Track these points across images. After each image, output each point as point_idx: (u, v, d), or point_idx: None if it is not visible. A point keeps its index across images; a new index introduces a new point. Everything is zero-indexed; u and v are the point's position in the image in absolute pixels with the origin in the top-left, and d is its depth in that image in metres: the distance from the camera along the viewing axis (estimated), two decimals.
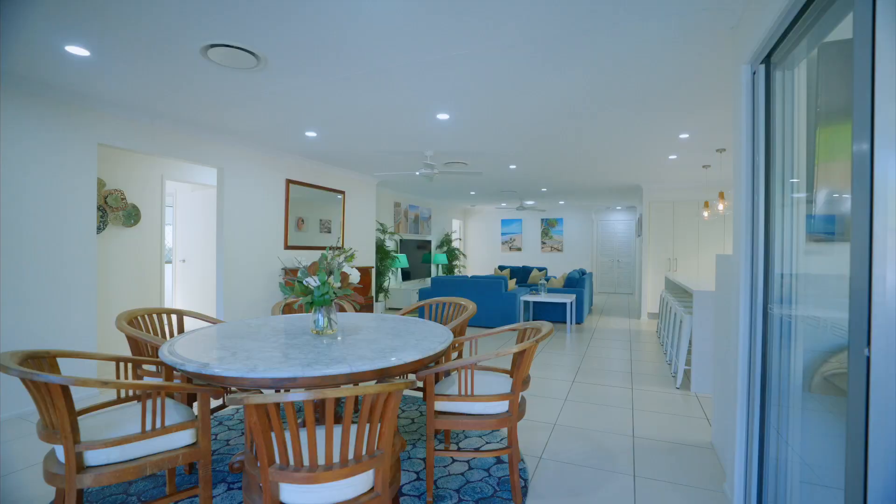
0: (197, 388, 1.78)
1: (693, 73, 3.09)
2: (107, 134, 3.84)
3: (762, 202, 1.95)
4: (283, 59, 2.91)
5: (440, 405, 2.24)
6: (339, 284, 2.44)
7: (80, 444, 1.55)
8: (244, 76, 3.20)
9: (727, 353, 2.52)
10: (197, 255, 6.59)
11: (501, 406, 2.24)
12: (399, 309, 9.41)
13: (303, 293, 2.39)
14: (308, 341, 2.30)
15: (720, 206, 5.54)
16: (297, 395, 1.29)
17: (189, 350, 2.08)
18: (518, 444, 2.37)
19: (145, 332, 2.82)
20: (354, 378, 1.87)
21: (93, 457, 1.59)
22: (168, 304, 7.03)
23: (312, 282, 2.37)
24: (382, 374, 1.94)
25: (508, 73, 3.13)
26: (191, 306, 6.65)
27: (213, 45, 2.70)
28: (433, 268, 12.00)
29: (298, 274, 2.42)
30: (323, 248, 6.72)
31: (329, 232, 6.91)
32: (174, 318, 3.07)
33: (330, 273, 2.41)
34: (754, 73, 2.03)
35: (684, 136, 4.79)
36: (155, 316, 2.93)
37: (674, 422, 3.34)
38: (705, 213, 6.29)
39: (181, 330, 3.04)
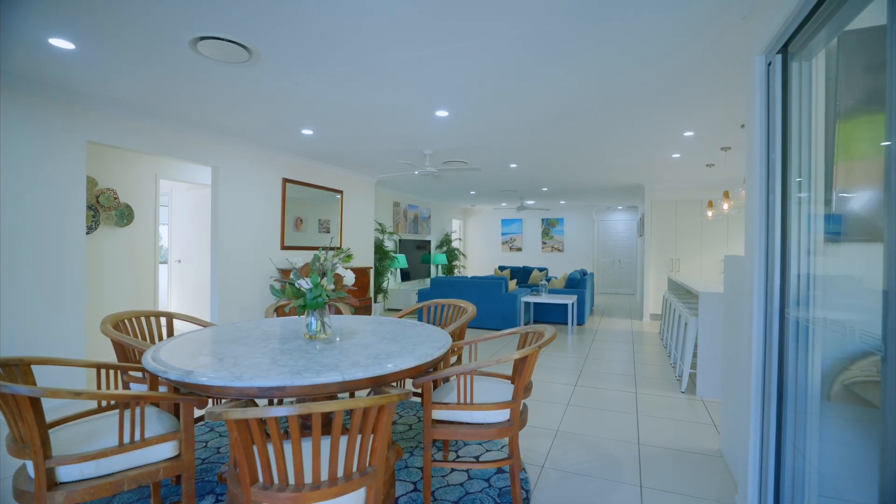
0: (178, 397, 1.68)
1: (699, 67, 2.99)
2: (97, 131, 3.73)
3: (778, 201, 1.85)
4: (276, 53, 2.80)
5: (438, 413, 2.13)
6: (332, 286, 2.33)
7: (51, 459, 1.45)
8: (236, 71, 3.09)
9: (738, 358, 2.42)
10: (193, 256, 6.49)
11: (502, 415, 2.14)
12: (398, 310, 9.31)
13: (294, 296, 2.29)
14: (300, 346, 2.20)
15: (725, 206, 5.43)
16: (282, 410, 1.18)
17: (174, 356, 1.98)
18: (519, 454, 2.26)
19: (133, 336, 2.71)
20: (347, 387, 1.76)
21: (65, 472, 1.49)
22: (163, 306, 6.93)
23: (304, 284, 2.26)
24: (377, 382, 1.83)
25: (509, 68, 3.03)
26: (187, 307, 6.55)
27: (202, 38, 2.60)
28: (433, 268, 11.89)
29: (291, 275, 2.32)
30: (329, 249, 6.60)
31: (328, 232, 6.81)
32: (163, 321, 2.97)
33: (323, 275, 2.31)
34: (769, 65, 1.92)
35: (689, 133, 4.68)
36: (143, 319, 2.82)
37: (680, 428, 3.24)
38: (709, 213, 6.17)
39: (171, 333, 2.94)
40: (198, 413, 3.16)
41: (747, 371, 2.11)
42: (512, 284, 7.51)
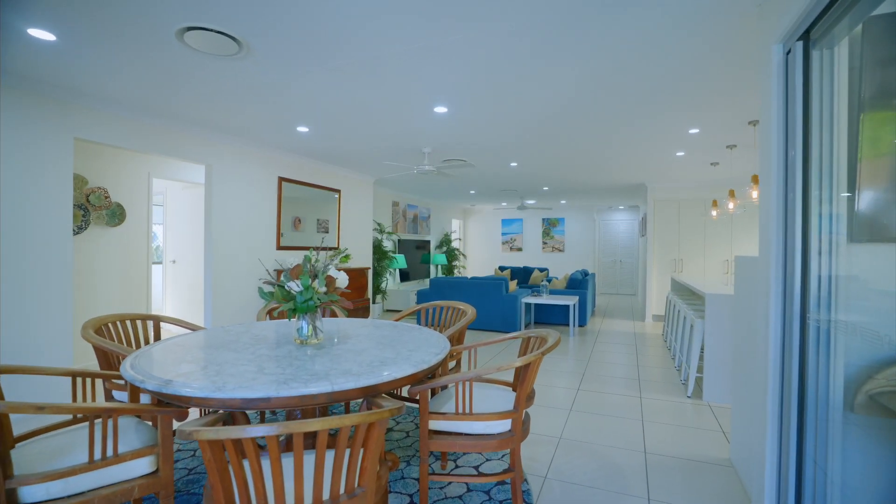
0: (154, 409, 1.56)
1: (707, 60, 2.87)
2: (84, 128, 3.61)
3: (799, 199, 1.73)
4: (267, 45, 2.68)
5: (435, 424, 2.02)
6: (324, 289, 2.22)
7: (12, 478, 1.33)
8: (227, 64, 2.98)
9: (751, 363, 2.30)
10: (188, 256, 6.38)
11: (503, 425, 2.02)
12: (398, 311, 9.19)
13: (284, 299, 2.17)
14: (290, 352, 2.08)
15: (730, 205, 5.31)
16: (259, 430, 1.07)
17: (155, 363, 1.86)
18: (521, 465, 2.15)
19: (117, 341, 2.59)
20: (337, 397, 1.65)
21: (29, 493, 1.37)
22: (158, 307, 6.82)
23: (294, 286, 2.15)
24: (369, 392, 1.72)
25: (509, 62, 2.91)
26: (182, 309, 6.44)
27: (189, 28, 2.48)
28: (432, 268, 11.77)
29: (281, 277, 2.21)
30: (321, 249, 6.48)
31: (327, 232, 6.69)
32: (150, 324, 2.85)
33: (314, 276, 2.19)
34: (788, 53, 1.80)
35: (694, 130, 4.56)
36: (129, 322, 2.70)
37: (687, 435, 3.12)
38: (714, 213, 6.06)
39: (158, 338, 2.82)
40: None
41: (763, 378, 1.99)
42: (512, 285, 7.39)
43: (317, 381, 1.64)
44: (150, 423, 1.96)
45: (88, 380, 1.96)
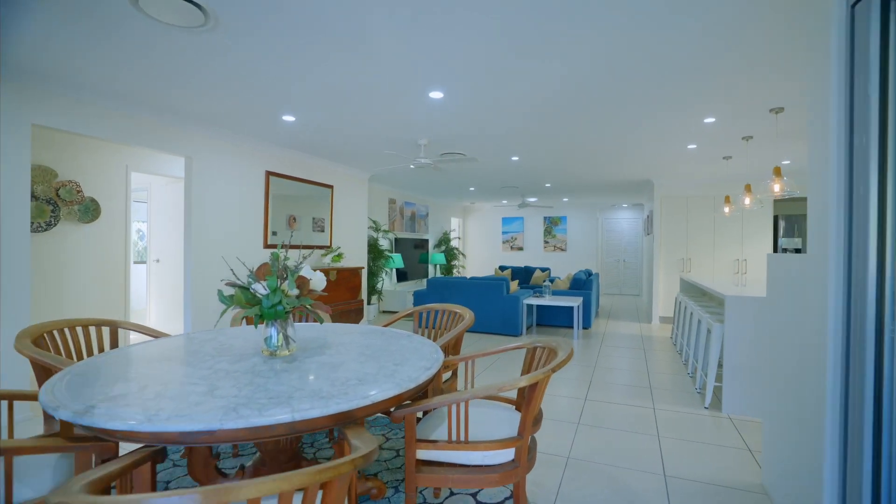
0: (63, 445, 1.24)
1: (733, 31, 2.53)
2: (43, 113, 3.28)
3: (874, 192, 1.40)
4: (237, 16, 2.36)
5: (424, 454, 1.69)
6: (296, 291, 1.90)
7: None
8: (193, 39, 2.65)
9: (794, 376, 1.98)
10: (173, 255, 6.05)
11: (506, 455, 1.70)
12: (394, 311, 8.87)
13: (248, 303, 1.85)
14: (253, 366, 1.76)
15: (746, 201, 4.98)
16: (169, 501, 0.74)
17: (86, 382, 1.54)
18: (526, 496, 1.83)
19: (64, 352, 2.26)
20: (300, 427, 1.33)
21: None
22: (140, 309, 6.50)
23: (260, 289, 1.83)
24: (341, 420, 1.40)
25: (510, 42, 2.57)
26: (166, 311, 6.11)
27: None
28: (431, 268, 11.44)
29: (247, 278, 1.89)
30: (317, 248, 6.16)
31: (322, 231, 6.37)
32: (106, 331, 2.53)
33: (284, 277, 1.87)
34: (855, 5, 1.48)
35: (710, 119, 4.23)
36: (79, 330, 2.37)
37: (710, 453, 2.80)
38: (726, 209, 5.73)
39: (114, 345, 2.50)
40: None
41: (819, 394, 1.67)
42: (513, 285, 7.07)
43: (275, 408, 1.32)
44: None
45: (18, 403, 1.63)
